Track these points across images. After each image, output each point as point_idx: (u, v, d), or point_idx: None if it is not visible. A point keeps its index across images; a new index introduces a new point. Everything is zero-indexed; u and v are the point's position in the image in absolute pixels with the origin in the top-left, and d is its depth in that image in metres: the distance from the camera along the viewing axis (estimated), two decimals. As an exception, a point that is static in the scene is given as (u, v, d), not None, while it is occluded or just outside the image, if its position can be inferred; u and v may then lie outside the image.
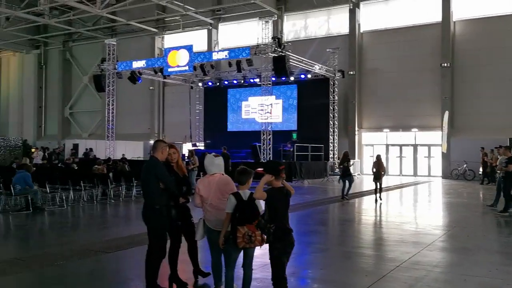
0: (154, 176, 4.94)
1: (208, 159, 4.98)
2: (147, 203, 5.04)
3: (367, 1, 28.72)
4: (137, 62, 25.21)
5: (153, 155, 5.10)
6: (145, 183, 5.07)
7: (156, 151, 5.11)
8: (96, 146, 30.37)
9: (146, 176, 5.03)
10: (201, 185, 4.93)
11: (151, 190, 4.98)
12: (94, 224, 10.39)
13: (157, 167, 4.97)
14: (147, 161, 5.28)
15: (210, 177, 4.95)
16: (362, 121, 28.87)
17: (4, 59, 42.84)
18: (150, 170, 4.99)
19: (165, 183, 4.95)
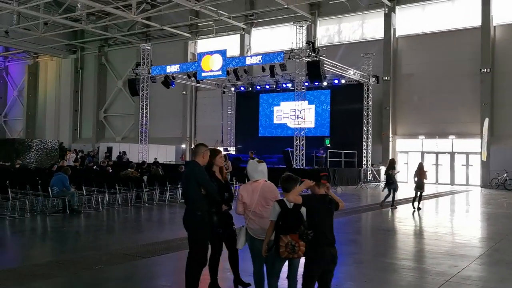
0: (195, 182, 4.80)
1: (251, 165, 4.81)
2: (188, 209, 4.91)
3: (403, 5, 28.15)
4: (171, 66, 25.42)
5: (194, 160, 4.96)
6: (186, 189, 4.94)
7: (197, 156, 4.97)
8: (129, 150, 30.76)
9: (187, 181, 4.90)
10: (244, 192, 4.76)
11: (192, 196, 4.85)
12: (130, 228, 10.39)
13: (198, 172, 4.83)
14: (188, 166, 5.15)
15: (253, 183, 4.77)
16: (396, 128, 28.24)
17: (42, 63, 44.07)
18: (191, 175, 4.85)
19: (207, 189, 4.80)
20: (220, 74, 23.06)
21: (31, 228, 10.09)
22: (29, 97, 43.54)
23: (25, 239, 9.00)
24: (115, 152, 30.24)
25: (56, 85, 42.69)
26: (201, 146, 5.06)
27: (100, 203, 12.63)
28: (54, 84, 42.89)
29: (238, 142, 31.63)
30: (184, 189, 5.04)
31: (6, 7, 28.48)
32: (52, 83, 43.13)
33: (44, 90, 43.68)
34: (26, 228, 9.99)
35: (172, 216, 12.34)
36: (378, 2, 27.68)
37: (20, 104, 45.05)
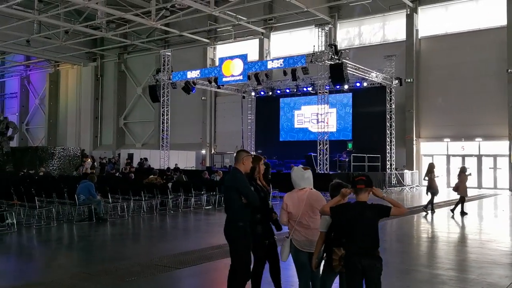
0: (236, 190, 4.54)
1: (297, 172, 4.52)
2: (229, 219, 4.65)
3: (425, 6, 27.63)
4: (191, 72, 25.33)
5: (235, 166, 4.71)
6: (227, 197, 4.68)
7: (238, 162, 4.71)
8: (150, 156, 30.74)
9: (227, 189, 4.64)
10: (289, 201, 4.47)
11: (233, 205, 4.58)
12: (157, 236, 10.17)
13: (239, 179, 4.57)
14: (228, 173, 4.90)
15: (299, 191, 4.48)
16: (420, 130, 27.66)
17: (63, 71, 44.56)
18: (232, 183, 4.59)
19: (248, 197, 4.53)
20: (241, 79, 22.86)
21: (58, 237, 9.97)
22: (50, 105, 44.03)
23: (52, 248, 8.87)
24: (136, 158, 30.24)
25: (76, 93, 43.11)
26: (241, 152, 4.80)
27: (126, 210, 12.48)
28: (74, 92, 43.32)
29: (259, 147, 31.33)
30: (224, 197, 4.78)
31: (27, 16, 28.80)
32: (72, 91, 43.57)
33: (65, 98, 44.14)
34: (53, 237, 9.87)
35: (199, 223, 12.12)
36: (399, 3, 27.22)
37: (41, 112, 45.60)
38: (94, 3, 25.48)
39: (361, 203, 3.88)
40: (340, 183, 4.22)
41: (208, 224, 11.94)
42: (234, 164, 4.77)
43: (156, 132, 37.40)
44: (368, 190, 3.89)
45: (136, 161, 29.78)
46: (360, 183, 3.87)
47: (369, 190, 3.89)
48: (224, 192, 4.75)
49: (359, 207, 3.87)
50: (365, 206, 3.87)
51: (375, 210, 3.87)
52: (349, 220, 3.85)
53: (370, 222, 3.85)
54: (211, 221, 12.34)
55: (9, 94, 48.85)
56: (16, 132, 28.40)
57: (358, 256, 3.76)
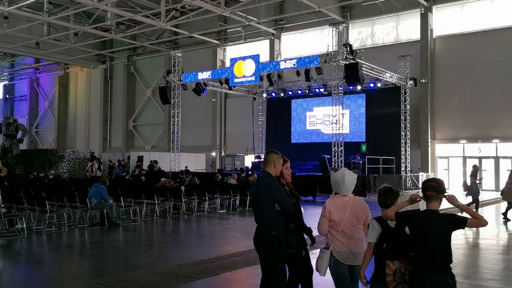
0: (269, 196, 4.10)
1: (344, 176, 4.07)
2: (260, 229, 4.20)
3: (440, 5, 27.05)
4: (202, 73, 24.98)
5: (265, 170, 4.27)
6: (258, 204, 4.24)
7: (268, 165, 4.27)
8: (160, 158, 30.43)
9: (257, 195, 4.20)
10: (333, 208, 4.02)
11: (265, 213, 4.14)
12: (173, 242, 9.75)
13: (272, 184, 4.14)
14: (258, 177, 4.44)
15: (342, 198, 4.04)
16: (435, 132, 27.06)
17: (72, 74, 44.43)
18: (263, 188, 4.15)
19: (282, 204, 4.10)
20: (253, 79, 22.46)
21: (69, 243, 9.59)
22: (59, 107, 43.90)
23: (64, 256, 8.48)
24: (146, 161, 29.94)
25: (86, 95, 42.96)
26: (272, 154, 4.36)
27: (138, 214, 12.09)
28: (84, 94, 43.17)
29: (269, 149, 30.88)
30: (254, 204, 4.33)
31: (37, 18, 28.64)
32: (82, 93, 43.42)
33: (74, 100, 44.00)
34: (65, 244, 9.49)
35: (214, 228, 11.69)
36: (413, 3, 26.66)
37: (51, 114, 45.50)
38: (104, 5, 25.20)
39: (432, 211, 3.44)
40: (390, 188, 3.78)
41: (224, 229, 11.51)
42: (264, 166, 4.33)
43: (166, 134, 37.10)
44: (440, 198, 3.45)
45: (146, 163, 29.48)
46: (430, 190, 3.45)
47: (441, 197, 3.45)
48: (254, 198, 4.31)
49: (429, 216, 3.42)
50: (437, 216, 3.42)
51: (448, 221, 3.41)
52: (417, 230, 3.41)
53: (442, 233, 3.40)
54: (227, 226, 11.93)
55: (19, 97, 48.84)
56: (26, 135, 28.18)
57: (428, 271, 3.31)
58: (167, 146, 36.52)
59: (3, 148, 25.46)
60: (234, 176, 16.59)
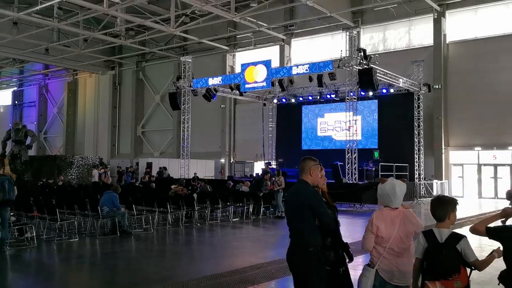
0: (308, 208, 3.74)
1: (395, 187, 3.69)
2: (296, 244, 3.82)
3: (453, 10, 26.67)
4: (213, 79, 24.71)
5: (302, 179, 3.91)
6: (294, 217, 3.85)
7: (305, 173, 3.91)
8: (169, 165, 30.14)
9: (296, 207, 3.83)
10: (381, 223, 3.62)
11: (303, 227, 3.77)
12: (189, 253, 9.36)
13: (312, 195, 3.78)
14: (295, 186, 4.07)
15: (392, 211, 3.65)
16: (448, 139, 26.57)
17: (81, 80, 44.41)
18: (303, 199, 3.78)
19: (322, 217, 3.73)
20: (264, 85, 22.15)
21: (81, 253, 9.24)
22: (68, 114, 43.84)
23: (76, 268, 8.13)
24: (155, 167, 29.66)
25: (94, 101, 42.87)
26: (307, 161, 4.00)
27: (151, 223, 11.74)
28: (92, 100, 43.09)
29: (280, 156, 30.52)
30: (290, 215, 3.96)
31: (46, 24, 28.58)
32: (90, 99, 43.34)
33: (83, 106, 43.93)
34: (76, 254, 9.15)
35: (229, 238, 11.31)
36: (426, 8, 26.31)
37: (59, 121, 45.45)
38: (114, 10, 25.07)
39: None
40: (443, 197, 3.41)
41: (239, 238, 11.13)
42: (300, 175, 3.97)
43: (174, 140, 36.86)
44: None
45: (155, 170, 29.20)
46: None
47: None
48: (290, 209, 3.94)
49: None
50: None
51: None
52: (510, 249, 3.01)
53: None
54: (242, 236, 11.55)
55: (28, 103, 48.88)
56: (35, 141, 28.04)
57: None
58: (175, 152, 36.26)
59: (12, 154, 25.26)
60: (246, 183, 16.22)
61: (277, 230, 12.12)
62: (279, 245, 9.87)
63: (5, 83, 50.25)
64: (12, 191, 8.52)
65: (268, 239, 10.94)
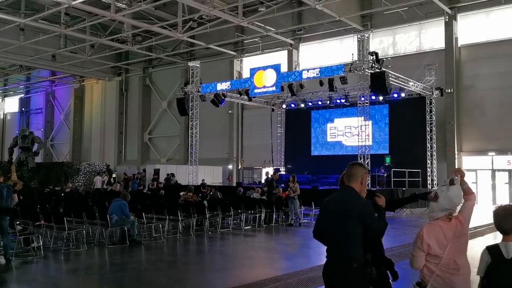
0: (357, 220, 3.32)
1: (452, 194, 3.27)
2: (339, 258, 3.35)
3: (464, 13, 26.21)
4: (221, 84, 24.38)
5: (350, 186, 3.49)
6: (336, 227, 3.40)
7: (354, 180, 3.53)
8: (176, 171, 29.78)
9: (339, 215, 3.39)
10: (432, 240, 3.18)
11: (348, 239, 3.34)
12: (203, 263, 8.92)
13: (364, 206, 3.37)
14: (341, 193, 3.61)
15: (446, 225, 3.22)
16: (461, 144, 26.03)
17: (88, 86, 44.27)
18: (350, 208, 3.35)
19: (373, 229, 3.29)
20: (274, 90, 21.78)
21: (89, 264, 8.85)
22: (75, 120, 43.67)
23: (83, 279, 7.73)
24: (162, 174, 29.30)
25: (101, 108, 42.68)
26: (359, 168, 3.64)
27: (161, 231, 11.34)
28: (99, 107, 42.91)
29: (288, 162, 30.12)
30: (332, 226, 3.49)
31: (53, 30, 28.44)
32: (97, 106, 43.17)
33: (89, 113, 43.76)
34: (84, 265, 8.76)
35: (243, 247, 10.88)
36: (437, 11, 25.89)
37: (66, 127, 45.29)
38: (121, 16, 24.87)
39: None
40: (510, 207, 2.98)
41: (253, 248, 10.71)
42: (348, 181, 3.58)
43: (182, 147, 36.54)
44: None
45: (162, 176, 28.84)
46: None
47: None
48: (330, 218, 3.49)
49: None
50: None
51: None
52: None
53: None
54: (255, 245, 11.12)
55: (34, 109, 48.80)
56: (42, 147, 27.80)
57: None
58: (182, 158, 35.91)
59: (19, 161, 25.06)
60: (257, 190, 15.81)
61: (292, 238, 11.72)
62: (296, 255, 9.45)
63: (12, 90, 50.26)
64: (10, 199, 8.21)
65: (283, 248, 10.51)
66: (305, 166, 26.83)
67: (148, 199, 15.06)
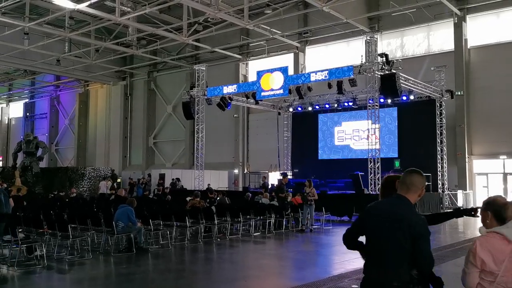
0: (411, 239, 2.89)
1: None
2: (379, 274, 2.98)
3: (474, 14, 25.80)
4: (227, 87, 24.03)
5: (406, 197, 3.05)
6: (384, 240, 2.99)
7: (412, 191, 3.06)
8: (182, 176, 29.42)
9: (391, 229, 2.97)
10: (488, 255, 2.80)
11: (394, 255, 2.93)
12: (214, 273, 8.45)
13: (423, 225, 2.93)
14: (396, 203, 3.08)
15: (502, 240, 2.81)
16: (472, 147, 25.55)
17: (92, 91, 44.08)
18: (407, 224, 2.92)
19: (424, 257, 2.90)
20: (281, 93, 21.40)
21: (95, 274, 8.43)
22: (79, 125, 43.46)
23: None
24: (168, 178, 28.94)
25: (106, 112, 42.45)
26: (420, 177, 3.13)
27: (168, 238, 10.95)
28: (104, 111, 42.68)
29: (295, 166, 29.70)
30: (378, 238, 3.05)
31: (58, 34, 28.24)
32: (102, 110, 42.95)
33: (94, 117, 43.54)
34: (89, 275, 8.35)
35: (254, 255, 10.47)
36: (446, 12, 25.52)
37: (71, 132, 45.09)
38: (126, 19, 24.62)
39: None
40: None
41: (266, 256, 10.28)
42: (404, 191, 3.09)
43: (187, 151, 36.21)
44: None
45: (168, 181, 28.47)
46: None
47: None
48: (376, 228, 3.06)
49: None
50: None
51: None
52: None
53: None
54: (267, 252, 10.71)
55: (39, 114, 48.68)
56: (46, 152, 27.47)
57: None
58: (188, 163, 35.57)
59: (23, 166, 24.78)
60: (266, 195, 15.39)
61: (305, 245, 11.32)
62: (312, 264, 9.05)
63: (16, 95, 50.16)
64: (8, 204, 7.89)
65: (297, 256, 10.08)
66: (312, 170, 26.40)
67: (154, 205, 14.68)
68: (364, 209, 3.27)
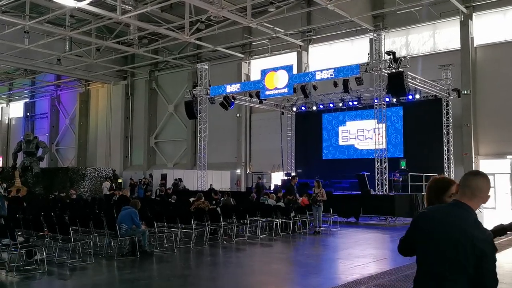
0: (473, 254, 2.47)
1: None
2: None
3: (480, 12, 25.42)
4: (231, 86, 23.65)
5: (464, 202, 2.64)
6: (442, 256, 2.56)
7: (479, 197, 2.65)
8: (184, 176, 29.06)
9: (455, 239, 2.54)
10: None
11: (455, 276, 2.52)
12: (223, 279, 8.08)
13: (490, 241, 2.52)
14: (459, 215, 2.62)
15: None
16: (478, 147, 25.18)
17: (93, 90, 43.71)
18: (473, 241, 2.49)
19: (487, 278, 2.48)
20: (285, 91, 21.03)
21: (97, 280, 8.07)
22: (80, 125, 43.09)
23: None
24: (170, 179, 28.57)
25: (107, 112, 42.08)
26: (486, 181, 2.72)
27: (173, 241, 10.57)
28: (105, 111, 42.31)
29: (299, 166, 29.31)
30: (433, 250, 2.62)
31: (58, 33, 27.89)
32: (103, 110, 42.58)
33: (95, 117, 43.17)
34: (92, 280, 7.99)
35: (263, 259, 10.10)
36: (452, 10, 25.14)
37: (71, 132, 44.73)
38: (127, 17, 24.27)
39: None
40: None
41: (275, 260, 9.90)
42: (468, 197, 2.66)
43: (189, 151, 35.84)
44: None
45: (170, 181, 28.11)
46: None
47: None
48: (433, 241, 2.62)
49: None
50: None
51: None
52: None
53: None
54: (276, 256, 10.34)
55: (40, 114, 48.33)
56: (47, 152, 27.11)
57: None
58: (189, 163, 35.22)
59: (23, 167, 24.42)
60: (272, 196, 15.02)
61: (314, 248, 10.94)
62: (325, 269, 8.69)
63: (17, 94, 49.82)
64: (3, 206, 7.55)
65: (307, 260, 9.69)
66: (316, 171, 26.02)
67: (157, 205, 14.32)
68: (416, 215, 2.86)
